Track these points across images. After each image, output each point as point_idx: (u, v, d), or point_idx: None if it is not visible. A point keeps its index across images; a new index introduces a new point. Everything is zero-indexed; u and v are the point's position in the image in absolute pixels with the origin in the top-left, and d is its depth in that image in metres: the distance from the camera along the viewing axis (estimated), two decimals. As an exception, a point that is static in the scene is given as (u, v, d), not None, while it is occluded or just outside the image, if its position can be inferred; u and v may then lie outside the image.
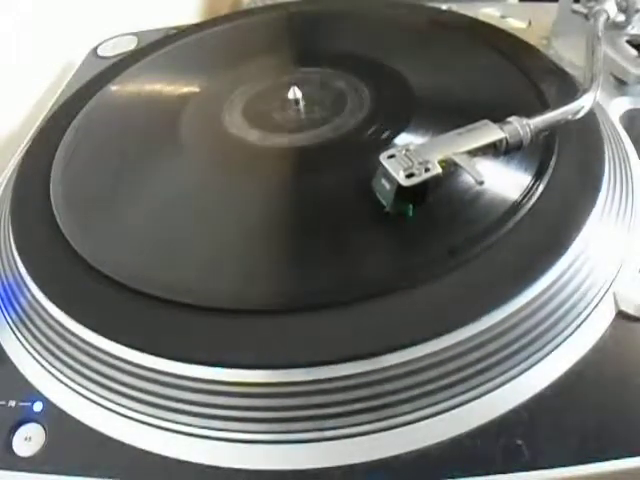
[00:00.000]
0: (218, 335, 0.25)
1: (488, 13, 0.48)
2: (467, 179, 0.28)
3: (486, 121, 0.29)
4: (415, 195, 0.28)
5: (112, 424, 0.25)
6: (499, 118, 0.29)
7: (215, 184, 0.33)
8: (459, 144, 0.28)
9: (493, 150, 0.29)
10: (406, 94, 0.36)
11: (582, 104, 0.31)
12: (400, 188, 0.27)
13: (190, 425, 0.25)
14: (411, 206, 0.28)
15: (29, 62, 0.49)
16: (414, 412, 0.24)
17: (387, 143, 0.33)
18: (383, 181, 0.28)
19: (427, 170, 0.27)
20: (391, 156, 0.28)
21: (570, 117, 0.31)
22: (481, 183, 0.27)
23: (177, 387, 0.25)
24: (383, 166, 0.28)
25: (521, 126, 0.29)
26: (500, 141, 0.29)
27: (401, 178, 0.27)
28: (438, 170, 0.27)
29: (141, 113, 0.40)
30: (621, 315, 0.27)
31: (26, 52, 0.48)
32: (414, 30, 0.43)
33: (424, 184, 0.27)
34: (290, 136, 0.35)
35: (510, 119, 0.29)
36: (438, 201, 0.29)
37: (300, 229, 0.30)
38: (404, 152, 0.28)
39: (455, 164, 0.27)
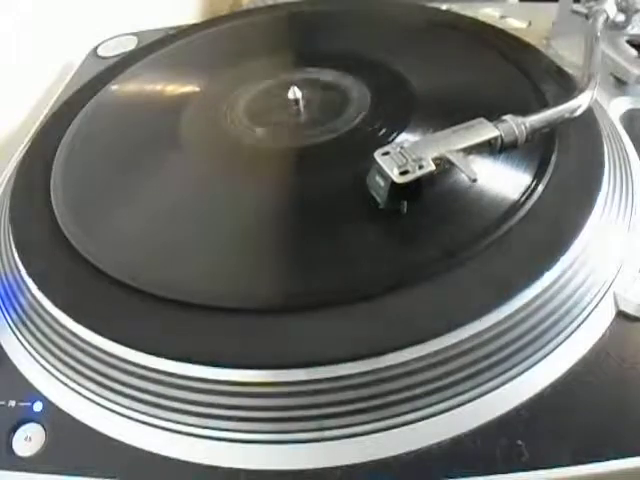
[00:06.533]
0: (218, 335, 0.25)
1: (488, 13, 0.49)
2: (467, 178, 0.28)
3: (481, 119, 0.29)
4: (409, 192, 0.28)
5: (112, 424, 0.25)
6: (499, 118, 0.29)
7: (215, 184, 0.33)
8: (454, 142, 0.28)
9: (488, 148, 0.29)
10: (406, 94, 0.36)
11: (579, 103, 0.31)
12: (394, 185, 0.27)
13: (190, 425, 0.25)
14: (405, 203, 0.28)
15: (29, 62, 0.49)
16: (414, 412, 0.24)
17: (387, 142, 0.32)
18: (377, 178, 0.28)
19: (421, 167, 0.27)
20: (385, 153, 0.28)
21: (567, 116, 0.31)
22: (474, 181, 0.27)
23: (177, 387, 0.25)
24: (377, 163, 0.28)
25: (516, 124, 0.29)
26: (495, 139, 0.29)
27: (395, 175, 0.27)
28: (432, 167, 0.27)
29: (141, 113, 0.40)
30: (621, 315, 0.27)
31: (26, 52, 0.48)
32: (414, 30, 0.43)
33: (418, 181, 0.27)
34: (290, 136, 0.35)
35: (505, 117, 0.29)
36: (439, 201, 0.29)
37: (299, 229, 0.30)
38: (398, 149, 0.28)
39: (449, 162, 0.28)
